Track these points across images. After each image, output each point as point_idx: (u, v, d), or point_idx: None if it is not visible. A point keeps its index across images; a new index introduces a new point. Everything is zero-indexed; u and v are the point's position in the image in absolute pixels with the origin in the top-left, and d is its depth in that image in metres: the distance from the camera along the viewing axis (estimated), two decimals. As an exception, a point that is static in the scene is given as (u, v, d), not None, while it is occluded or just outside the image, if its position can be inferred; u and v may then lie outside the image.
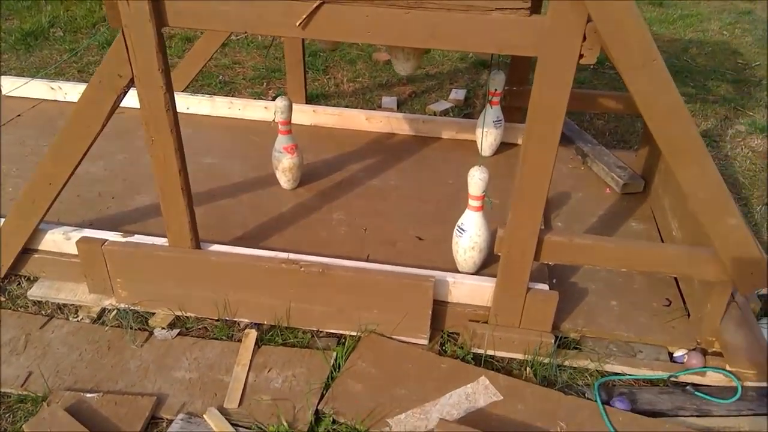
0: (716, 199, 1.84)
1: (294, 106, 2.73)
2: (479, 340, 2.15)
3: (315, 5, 1.71)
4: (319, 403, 1.96)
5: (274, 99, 3.88)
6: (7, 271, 2.39)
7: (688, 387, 2.08)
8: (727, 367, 2.08)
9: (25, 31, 4.86)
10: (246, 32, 1.84)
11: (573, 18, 1.60)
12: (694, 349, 2.16)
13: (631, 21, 1.58)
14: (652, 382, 2.11)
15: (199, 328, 2.27)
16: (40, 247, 2.38)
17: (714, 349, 2.15)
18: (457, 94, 4.13)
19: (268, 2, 1.74)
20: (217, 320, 2.28)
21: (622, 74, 1.68)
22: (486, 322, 2.16)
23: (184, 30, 4.90)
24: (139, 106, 1.94)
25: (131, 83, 1.92)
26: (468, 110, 4.00)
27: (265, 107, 3.40)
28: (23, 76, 3.99)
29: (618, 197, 2.92)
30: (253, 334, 2.20)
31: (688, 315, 2.26)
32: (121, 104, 2.01)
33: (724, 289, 2.06)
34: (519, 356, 2.16)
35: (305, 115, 3.38)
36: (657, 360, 2.15)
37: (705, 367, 2.10)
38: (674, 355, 2.18)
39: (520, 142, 3.22)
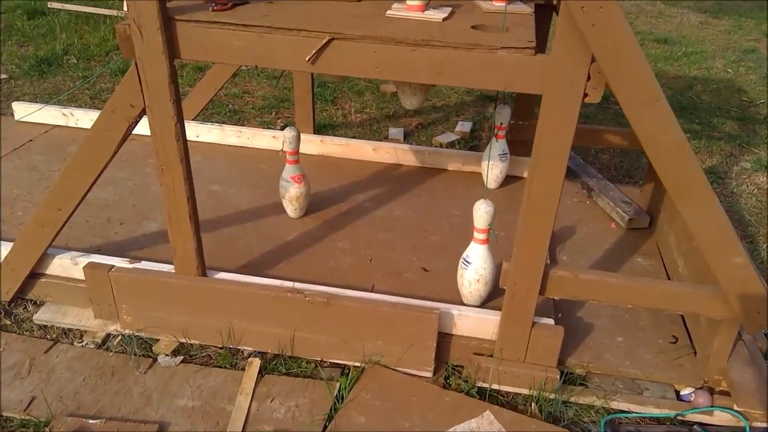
0: (721, 238, 1.85)
1: (302, 136, 2.76)
2: (484, 374, 2.13)
3: (324, 41, 1.75)
4: (321, 435, 1.95)
5: (282, 128, 3.93)
6: (14, 294, 2.40)
7: (695, 426, 2.05)
8: (735, 407, 2.06)
9: (39, 57, 4.96)
10: (256, 65, 1.88)
11: (577, 58, 1.63)
12: (701, 388, 2.14)
13: (634, 61, 1.61)
14: (658, 421, 2.08)
15: (203, 356, 2.27)
16: (48, 272, 2.39)
17: (721, 388, 2.13)
18: (463, 127, 4.18)
19: (278, 37, 1.79)
20: (221, 348, 2.28)
21: (626, 113, 1.70)
22: (491, 356, 2.15)
23: (196, 60, 4.99)
24: (148, 134, 1.97)
25: (143, 113, 1.96)
26: (474, 143, 4.03)
27: (273, 136, 3.45)
28: (36, 102, 4.07)
29: (623, 232, 2.92)
30: (256, 363, 2.20)
31: (695, 352, 2.25)
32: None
33: (730, 327, 2.05)
34: (524, 391, 2.14)
35: (313, 145, 3.42)
36: (664, 398, 2.13)
37: (712, 406, 2.08)
38: (681, 393, 2.16)
39: (525, 175, 3.24)
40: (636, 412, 2.09)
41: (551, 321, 2.15)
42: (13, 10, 6.14)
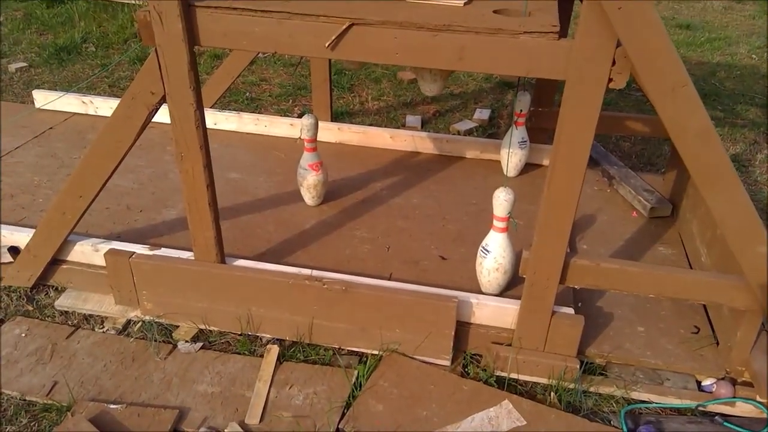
0: (747, 226, 1.81)
1: (319, 123, 2.75)
2: (502, 363, 2.12)
3: (344, 27, 1.73)
4: (339, 422, 1.95)
5: (299, 116, 3.93)
6: (36, 280, 2.43)
7: (716, 417, 2.03)
8: (758, 398, 2.03)
9: (58, 46, 4.99)
10: (275, 52, 1.87)
11: (602, 42, 1.59)
12: (723, 379, 2.11)
13: (661, 46, 1.57)
14: (679, 411, 2.06)
15: (222, 342, 2.28)
16: (69, 258, 2.42)
17: (744, 379, 2.10)
18: (482, 114, 4.14)
19: (297, 23, 1.77)
20: (240, 335, 2.29)
21: (652, 99, 1.67)
22: (509, 345, 2.14)
23: (214, 48, 4.99)
24: (167, 122, 1.97)
25: (163, 100, 1.96)
26: (492, 130, 4.00)
27: (291, 124, 3.44)
28: (56, 90, 4.10)
29: (645, 221, 2.89)
30: (275, 350, 2.21)
31: (717, 343, 2.22)
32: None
33: (754, 318, 2.01)
34: (543, 381, 2.13)
35: (330, 132, 3.41)
36: (685, 388, 2.11)
37: (734, 397, 2.05)
38: (702, 383, 2.14)
39: (545, 163, 3.21)
40: (657, 403, 2.07)
41: (571, 310, 2.13)
42: (32, -1, 6.18)
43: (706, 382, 2.13)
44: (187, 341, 2.26)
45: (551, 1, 1.94)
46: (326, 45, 1.76)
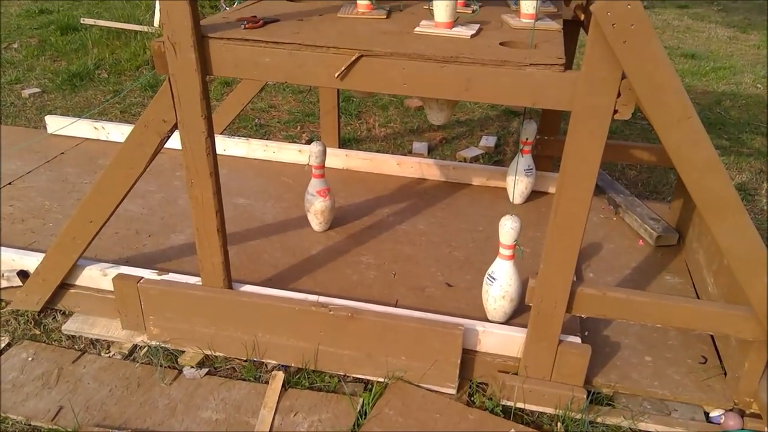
0: (753, 257, 1.81)
1: (327, 150, 2.79)
2: (508, 392, 2.11)
3: (353, 58, 1.77)
4: (344, 451, 1.94)
5: (307, 142, 3.98)
6: (44, 304, 2.45)
7: (725, 449, 2.01)
8: (766, 430, 2.01)
9: (71, 72, 5.09)
10: (286, 81, 1.90)
11: (608, 75, 1.62)
12: (731, 410, 2.09)
13: (666, 79, 1.59)
14: (687, 443, 2.04)
15: (228, 368, 2.28)
16: (77, 282, 2.44)
17: (752, 411, 2.08)
18: (488, 141, 4.17)
19: (308, 54, 1.81)
20: (246, 361, 2.29)
21: (657, 130, 1.68)
22: (516, 374, 2.13)
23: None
24: (177, 147, 2.01)
25: (175, 128, 2.00)
26: (498, 157, 4.03)
27: (299, 150, 3.48)
28: (68, 116, 4.16)
29: (651, 249, 2.89)
30: (280, 377, 2.21)
31: (725, 373, 2.20)
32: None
33: (762, 349, 2.00)
34: (550, 410, 2.11)
35: (338, 158, 3.44)
36: (693, 419, 2.09)
37: (743, 429, 2.03)
38: (710, 415, 2.11)
39: (550, 190, 3.22)
40: (665, 434, 2.05)
41: (578, 339, 2.13)
42: (47, 26, 6.31)
43: (714, 414, 2.11)
44: (192, 367, 2.26)
45: (557, 33, 1.98)
46: (336, 75, 1.80)
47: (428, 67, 1.75)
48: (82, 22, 6.25)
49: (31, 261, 2.44)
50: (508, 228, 2.15)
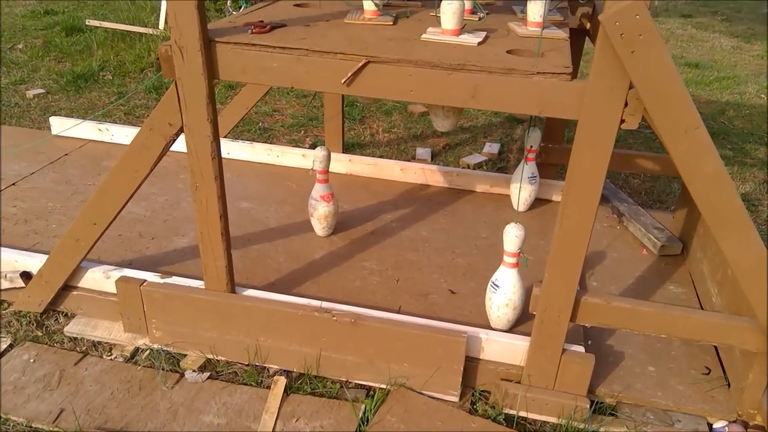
0: (759, 269, 1.81)
1: (331, 155, 2.78)
2: (511, 401, 2.10)
3: (360, 64, 1.77)
4: (346, 458, 1.93)
5: (311, 147, 3.98)
6: (46, 306, 2.44)
7: (728, 461, 2.00)
8: (771, 443, 2.00)
9: (76, 73, 5.09)
10: (292, 87, 1.90)
11: (615, 84, 1.62)
12: (734, 421, 2.08)
13: (674, 90, 1.59)
14: (690, 454, 2.03)
15: (229, 372, 2.27)
16: (80, 284, 2.43)
17: (756, 423, 2.07)
18: (491, 148, 4.17)
19: (315, 60, 1.81)
20: (248, 365, 2.28)
21: (664, 140, 1.68)
22: (519, 382, 2.12)
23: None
24: (181, 150, 2.01)
25: (180, 131, 2.00)
26: (501, 164, 4.02)
27: (303, 155, 3.48)
28: (72, 117, 4.17)
29: (655, 259, 2.88)
30: (282, 382, 2.20)
31: (728, 385, 2.19)
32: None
33: (766, 360, 1.99)
34: (552, 419, 2.10)
35: (341, 164, 3.44)
36: (696, 431, 2.08)
37: (747, 441, 2.02)
38: (714, 426, 2.11)
39: (554, 198, 3.22)
40: (668, 445, 2.04)
41: (581, 348, 2.12)
42: (52, 27, 6.33)
43: (718, 425, 2.10)
44: (194, 371, 2.26)
45: (564, 42, 1.98)
46: (342, 81, 1.80)
47: (435, 74, 1.75)
48: (87, 23, 6.27)
49: (34, 262, 2.44)
50: (512, 236, 2.15)
